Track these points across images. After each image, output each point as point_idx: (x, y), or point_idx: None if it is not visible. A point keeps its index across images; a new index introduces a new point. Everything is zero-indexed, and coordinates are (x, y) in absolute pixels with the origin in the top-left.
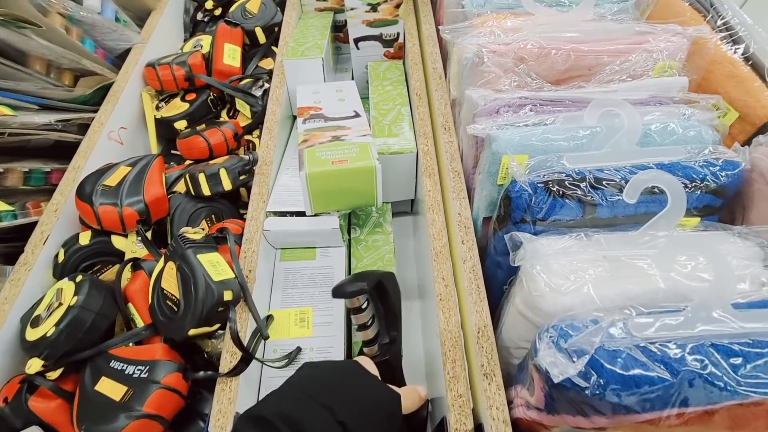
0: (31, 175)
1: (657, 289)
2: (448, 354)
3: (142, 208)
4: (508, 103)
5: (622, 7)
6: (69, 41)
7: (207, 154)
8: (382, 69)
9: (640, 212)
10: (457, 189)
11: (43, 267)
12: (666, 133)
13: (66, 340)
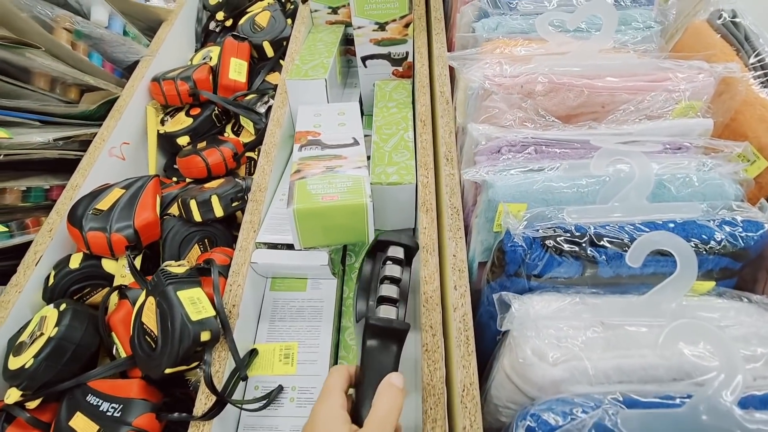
0: (30, 192)
1: (657, 365)
2: (429, 412)
3: (131, 234)
4: (511, 142)
5: (647, 36)
6: (74, 56)
7: (205, 173)
8: (389, 89)
9: (646, 273)
10: (454, 227)
11: (35, 289)
12: (682, 186)
13: (45, 372)
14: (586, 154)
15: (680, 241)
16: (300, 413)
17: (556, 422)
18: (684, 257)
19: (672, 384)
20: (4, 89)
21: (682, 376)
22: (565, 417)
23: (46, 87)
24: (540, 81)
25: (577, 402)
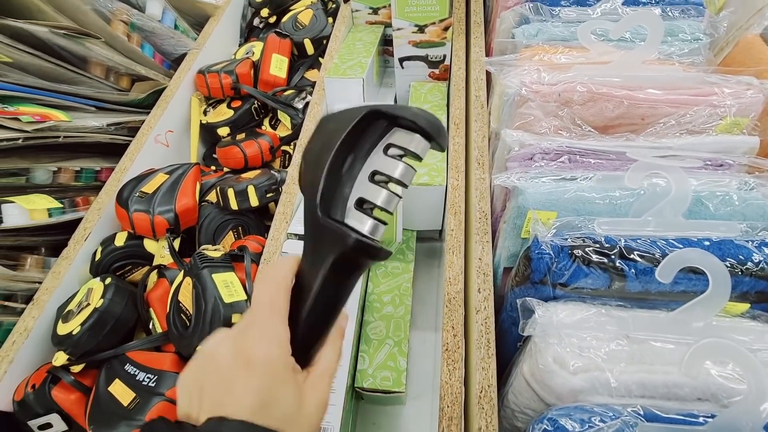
0: (82, 173)
1: (682, 384)
2: (445, 410)
3: (171, 217)
4: (545, 150)
5: (694, 48)
6: (128, 48)
7: (242, 164)
8: (424, 90)
9: (676, 290)
10: (481, 231)
11: (83, 262)
12: (721, 204)
13: (88, 340)
14: (622, 166)
15: (714, 260)
16: None
17: (573, 428)
18: (717, 276)
19: (696, 404)
20: (64, 76)
21: (708, 396)
22: (583, 424)
23: (102, 75)
24: (578, 90)
25: (596, 410)
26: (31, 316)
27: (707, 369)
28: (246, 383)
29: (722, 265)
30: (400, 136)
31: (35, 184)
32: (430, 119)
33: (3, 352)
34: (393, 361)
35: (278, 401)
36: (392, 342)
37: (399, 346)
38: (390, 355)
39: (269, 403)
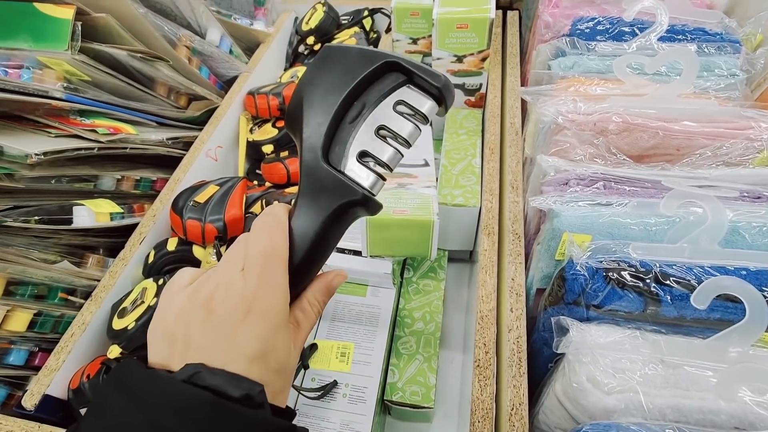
0: (140, 182)
1: (719, 411)
2: (476, 425)
3: (221, 225)
4: (580, 176)
5: (731, 83)
6: (189, 70)
7: (285, 179)
8: (460, 117)
9: (713, 318)
10: (515, 252)
11: (136, 264)
12: (758, 235)
13: (142, 335)
14: (657, 194)
15: (752, 289)
16: (351, 409)
17: None
18: (754, 305)
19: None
20: (134, 93)
21: (746, 425)
22: None
23: (164, 94)
24: (614, 120)
25: (632, 428)
26: (89, 311)
27: (744, 397)
28: (249, 331)
29: (760, 295)
30: (414, 96)
31: (101, 190)
32: (449, 85)
33: (63, 343)
34: (422, 377)
35: (276, 350)
36: (422, 358)
37: (429, 362)
38: (419, 370)
39: (268, 353)
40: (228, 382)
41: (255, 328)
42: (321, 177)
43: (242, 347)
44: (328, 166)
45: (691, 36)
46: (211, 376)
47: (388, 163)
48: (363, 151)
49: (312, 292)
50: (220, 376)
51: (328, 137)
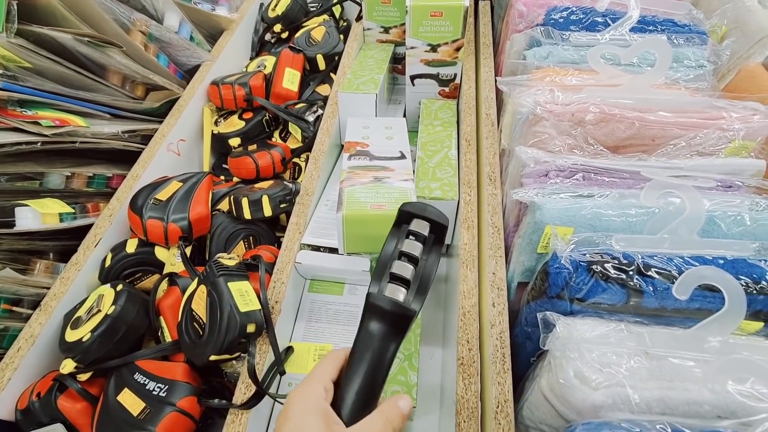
0: (94, 179)
1: (702, 401)
2: (462, 425)
3: (185, 225)
4: (560, 167)
5: (699, 74)
6: (145, 57)
7: (254, 174)
8: (434, 108)
9: (692, 307)
10: (495, 246)
11: (92, 268)
12: (733, 224)
13: (99, 347)
14: (635, 184)
15: (730, 278)
16: None
17: None
18: (733, 294)
19: (716, 421)
20: (83, 82)
21: (727, 414)
22: None
23: (118, 83)
24: (591, 111)
25: (623, 426)
26: (38, 322)
27: (726, 387)
28: (284, 428)
29: (738, 283)
30: (415, 224)
31: (48, 189)
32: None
33: (8, 359)
34: (404, 375)
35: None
36: (402, 356)
37: (409, 360)
38: (400, 369)
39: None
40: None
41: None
42: (366, 303)
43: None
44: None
45: (661, 27)
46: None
47: (404, 275)
48: (390, 273)
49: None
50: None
51: (374, 286)
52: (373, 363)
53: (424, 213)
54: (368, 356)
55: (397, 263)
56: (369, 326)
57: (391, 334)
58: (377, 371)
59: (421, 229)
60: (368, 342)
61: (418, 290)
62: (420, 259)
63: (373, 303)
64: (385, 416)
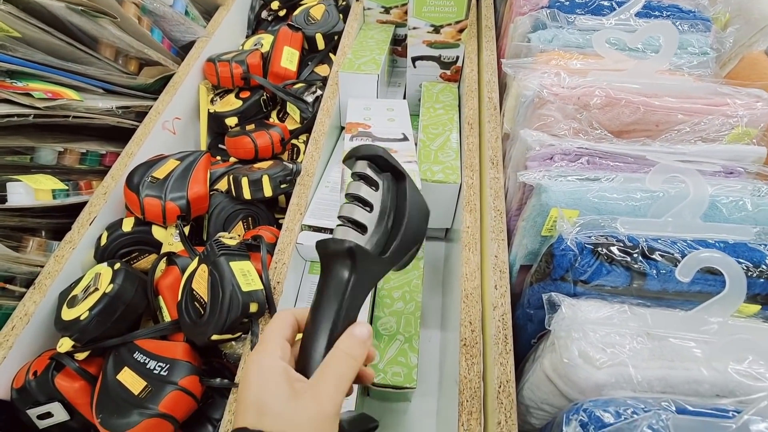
0: (87, 156)
1: (702, 380)
2: (465, 404)
3: (183, 204)
4: (565, 151)
5: (702, 61)
6: (139, 30)
7: (253, 155)
8: (436, 90)
9: (693, 290)
10: (497, 229)
11: (86, 247)
12: (734, 209)
13: (96, 326)
14: (639, 169)
15: (732, 261)
16: None
17: (608, 420)
18: (734, 277)
19: (715, 399)
20: (74, 55)
21: (726, 393)
22: (618, 416)
23: (111, 57)
24: (597, 95)
25: (629, 403)
26: (32, 301)
27: (725, 367)
28: (245, 395)
29: (738, 266)
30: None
31: (40, 165)
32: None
33: (2, 337)
34: (404, 357)
35: (269, 405)
36: (403, 338)
37: (410, 342)
38: (401, 350)
39: (263, 409)
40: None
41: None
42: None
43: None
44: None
45: (666, 12)
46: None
47: (352, 216)
48: (338, 216)
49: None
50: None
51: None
52: (327, 309)
53: (357, 153)
54: (322, 303)
55: (345, 206)
56: (325, 276)
57: (337, 275)
58: (336, 317)
59: (360, 168)
60: (319, 289)
61: (388, 226)
62: (366, 197)
63: (323, 247)
64: (341, 350)
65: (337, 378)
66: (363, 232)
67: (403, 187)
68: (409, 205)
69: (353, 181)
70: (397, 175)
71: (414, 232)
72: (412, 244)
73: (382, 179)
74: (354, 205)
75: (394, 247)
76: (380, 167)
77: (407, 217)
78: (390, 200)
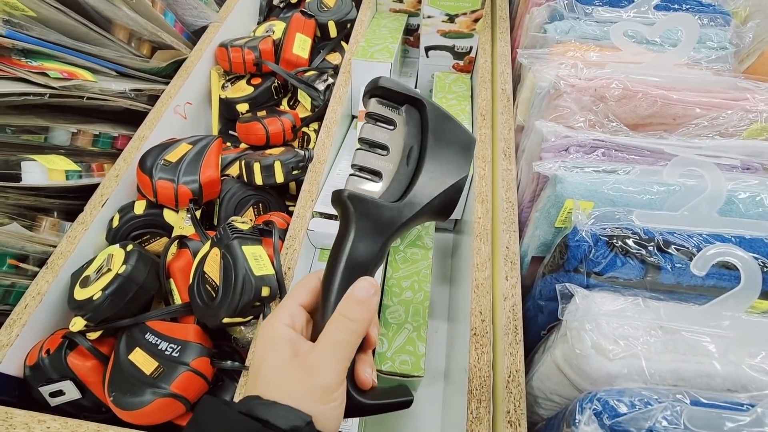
0: (99, 138)
1: (715, 374)
2: (474, 392)
3: (196, 187)
4: (581, 143)
5: (721, 56)
6: (152, 13)
7: (264, 141)
8: (448, 81)
9: (707, 284)
10: (508, 221)
11: (98, 228)
12: (751, 204)
13: (109, 306)
14: (655, 162)
15: (746, 255)
16: None
17: (622, 410)
18: (749, 272)
19: (727, 394)
20: (88, 36)
21: (738, 387)
22: (632, 406)
23: (125, 39)
24: (614, 86)
25: (643, 394)
26: (45, 280)
27: (738, 361)
28: (251, 362)
29: (755, 262)
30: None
31: (53, 145)
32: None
33: (15, 315)
34: (412, 346)
35: (264, 372)
36: (411, 327)
37: (418, 331)
38: (409, 339)
39: (259, 375)
40: (277, 414)
41: (256, 355)
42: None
43: (253, 375)
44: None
45: (686, 5)
46: (263, 408)
47: (363, 165)
48: (351, 165)
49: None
50: (272, 408)
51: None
52: (332, 267)
53: (366, 89)
54: (329, 262)
55: (358, 153)
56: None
57: (340, 228)
58: (341, 274)
59: (372, 107)
60: (333, 246)
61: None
62: (377, 140)
63: (339, 198)
64: (339, 313)
65: (334, 345)
66: (378, 179)
67: (424, 118)
68: (433, 137)
69: (366, 123)
70: (415, 104)
71: (442, 169)
72: (440, 184)
73: (398, 114)
74: (365, 151)
75: (414, 189)
76: (395, 101)
77: (429, 153)
78: (411, 136)
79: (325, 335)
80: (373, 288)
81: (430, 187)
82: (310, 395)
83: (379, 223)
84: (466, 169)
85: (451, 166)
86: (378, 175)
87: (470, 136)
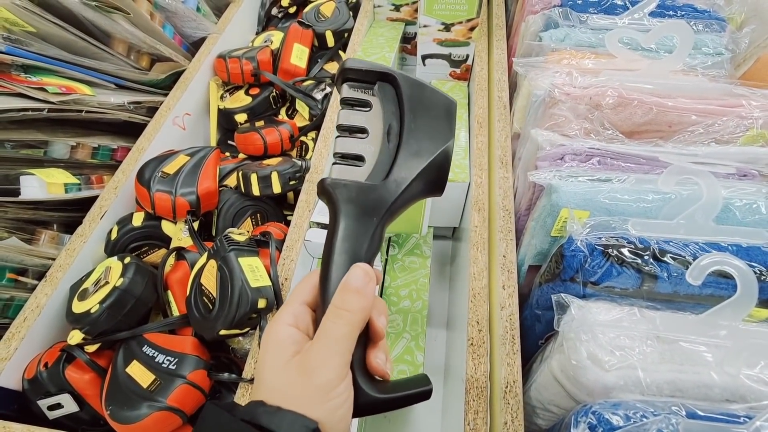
0: (98, 150)
1: (712, 384)
2: (471, 403)
3: (193, 199)
4: (576, 151)
5: (717, 62)
6: (151, 26)
7: (262, 151)
8: (445, 89)
9: (704, 293)
10: (505, 229)
11: (97, 240)
12: (748, 212)
13: (107, 319)
14: (651, 170)
15: (742, 264)
16: None
17: (617, 423)
18: (746, 281)
19: (725, 404)
20: (87, 50)
21: (736, 398)
22: (627, 419)
23: (123, 52)
24: (609, 94)
25: (638, 406)
26: (44, 293)
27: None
28: (257, 363)
29: (750, 270)
30: (344, 90)
31: (53, 159)
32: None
33: (14, 328)
34: (410, 355)
35: (263, 375)
36: (409, 336)
37: (416, 340)
38: (407, 349)
39: (260, 378)
40: (281, 422)
41: (259, 360)
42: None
43: (257, 379)
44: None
45: (681, 12)
46: (267, 415)
47: (343, 151)
48: (333, 153)
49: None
50: (275, 415)
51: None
52: (326, 259)
53: (336, 77)
54: (323, 255)
55: (338, 141)
56: (330, 221)
57: (330, 218)
58: (334, 265)
59: (345, 93)
60: (326, 239)
61: (392, 144)
62: (353, 124)
63: (325, 188)
64: (333, 306)
65: (330, 340)
66: (362, 162)
67: (399, 92)
68: (410, 109)
69: (341, 110)
70: (388, 80)
71: (425, 139)
72: (426, 155)
73: (371, 95)
74: (345, 138)
75: (398, 165)
76: (367, 81)
77: (408, 126)
78: (388, 113)
79: (322, 330)
80: (367, 275)
81: (416, 161)
82: (312, 396)
83: (366, 206)
84: (450, 135)
85: (434, 134)
86: (361, 159)
87: (449, 100)
